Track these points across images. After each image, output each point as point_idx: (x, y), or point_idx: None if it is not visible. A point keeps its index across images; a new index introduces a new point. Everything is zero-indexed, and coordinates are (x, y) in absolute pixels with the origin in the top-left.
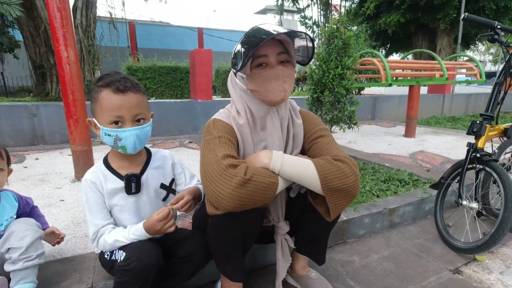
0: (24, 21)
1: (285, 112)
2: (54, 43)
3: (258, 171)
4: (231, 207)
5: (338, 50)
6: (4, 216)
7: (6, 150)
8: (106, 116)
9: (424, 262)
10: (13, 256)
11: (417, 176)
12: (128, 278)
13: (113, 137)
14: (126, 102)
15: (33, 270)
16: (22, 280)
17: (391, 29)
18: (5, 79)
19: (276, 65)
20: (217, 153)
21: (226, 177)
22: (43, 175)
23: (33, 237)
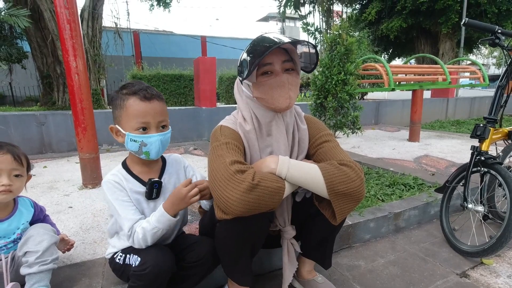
0: (32, 33)
1: (290, 118)
2: (64, 53)
3: (265, 176)
4: (239, 211)
5: (341, 56)
6: (21, 221)
7: (26, 157)
8: (133, 123)
9: (431, 266)
10: (30, 260)
11: (422, 180)
12: (143, 283)
13: (138, 143)
14: (152, 110)
15: (47, 274)
16: (36, 283)
17: (393, 34)
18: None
19: (281, 73)
20: (225, 159)
21: (235, 182)
22: (51, 183)
23: (50, 242)
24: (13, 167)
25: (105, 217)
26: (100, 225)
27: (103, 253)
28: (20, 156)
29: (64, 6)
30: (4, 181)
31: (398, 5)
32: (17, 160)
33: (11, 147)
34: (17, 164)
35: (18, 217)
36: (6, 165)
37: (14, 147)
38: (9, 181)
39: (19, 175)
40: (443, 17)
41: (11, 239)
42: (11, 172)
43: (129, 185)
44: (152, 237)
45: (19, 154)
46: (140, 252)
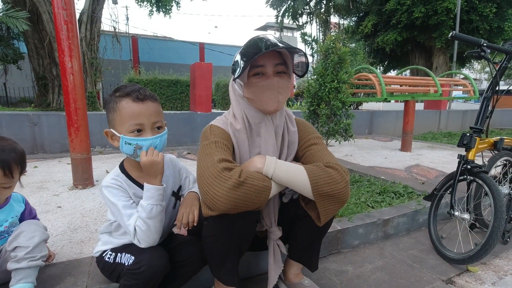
0: (29, 34)
1: (279, 120)
2: (60, 53)
3: (252, 175)
4: (225, 208)
5: (334, 65)
6: (11, 214)
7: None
8: (126, 125)
9: (417, 272)
10: (19, 255)
11: (412, 189)
12: (137, 281)
13: (133, 146)
14: (146, 110)
15: (35, 271)
16: (23, 279)
17: (389, 47)
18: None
19: (272, 76)
20: (213, 157)
21: (221, 179)
22: (41, 183)
23: (41, 238)
24: (1, 182)
25: (94, 217)
26: (88, 225)
27: (89, 252)
28: (12, 168)
29: (62, 7)
30: None
31: (393, 19)
32: (7, 176)
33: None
34: (7, 179)
35: (8, 210)
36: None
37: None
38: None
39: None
40: (436, 32)
41: (1, 227)
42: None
43: (131, 190)
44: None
45: (10, 167)
46: (134, 251)
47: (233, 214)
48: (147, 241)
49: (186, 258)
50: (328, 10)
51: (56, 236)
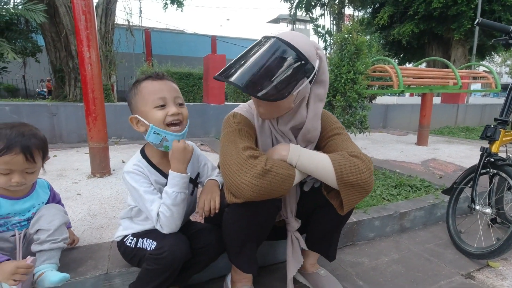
0: (47, 27)
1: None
2: (78, 43)
3: (277, 163)
4: (251, 195)
5: (351, 56)
6: (37, 201)
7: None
8: (150, 102)
9: (435, 266)
10: (41, 237)
11: (429, 183)
12: (160, 266)
13: (161, 137)
14: (165, 86)
15: (57, 252)
16: (47, 260)
17: (405, 39)
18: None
19: None
20: (238, 145)
21: (247, 167)
22: (61, 171)
23: (61, 221)
24: (24, 167)
25: (112, 204)
26: (107, 212)
27: (109, 238)
28: (34, 153)
29: None
30: (16, 178)
31: (410, 10)
32: (29, 161)
33: (25, 143)
34: (29, 164)
35: (35, 197)
36: (18, 166)
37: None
38: (21, 178)
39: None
40: (456, 23)
41: (25, 217)
42: (24, 170)
43: (152, 176)
44: (175, 207)
45: (32, 150)
46: (156, 237)
47: (255, 202)
48: (170, 227)
49: (205, 245)
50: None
51: (77, 221)
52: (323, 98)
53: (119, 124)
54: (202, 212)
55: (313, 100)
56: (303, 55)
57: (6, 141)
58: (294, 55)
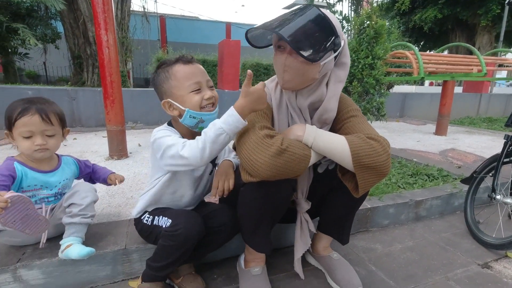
0: (65, 13)
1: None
2: (96, 27)
3: (293, 143)
4: (266, 174)
5: (369, 40)
6: (62, 177)
7: (58, 113)
8: (185, 86)
9: (451, 255)
10: (74, 211)
11: (447, 172)
12: (175, 243)
13: (197, 119)
14: (197, 69)
15: (84, 227)
16: (75, 233)
17: (427, 25)
18: (47, 69)
19: (285, 53)
20: (254, 124)
21: (264, 146)
22: (81, 153)
23: (92, 198)
24: (43, 128)
25: (129, 185)
26: (124, 192)
27: (126, 216)
28: (49, 114)
29: None
30: (38, 141)
31: None
32: (45, 121)
33: (40, 106)
34: (46, 124)
35: (60, 173)
36: (36, 126)
37: (43, 105)
38: (43, 141)
39: (51, 134)
40: (483, 8)
41: (52, 192)
42: (43, 133)
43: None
44: (213, 144)
45: (47, 112)
46: (171, 215)
47: (270, 182)
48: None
49: (220, 225)
50: None
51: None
52: (343, 80)
53: (136, 109)
54: (215, 192)
55: (333, 81)
56: (335, 29)
57: (22, 106)
58: (328, 27)
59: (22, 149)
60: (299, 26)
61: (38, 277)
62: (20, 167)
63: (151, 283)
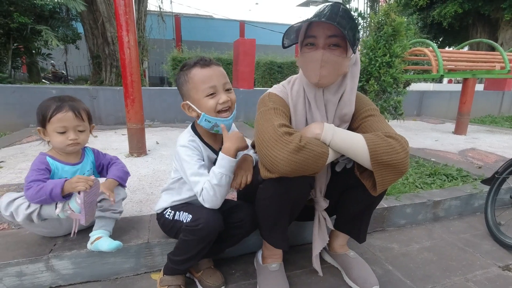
0: (85, 15)
1: (333, 96)
2: (118, 29)
3: (311, 141)
4: (285, 170)
5: (387, 38)
6: (86, 167)
7: (87, 110)
8: (201, 90)
9: (470, 256)
10: (105, 205)
11: (467, 172)
12: (196, 237)
13: (212, 123)
14: (214, 73)
15: (113, 222)
16: (104, 226)
17: (447, 21)
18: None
19: (320, 48)
20: (273, 122)
21: (282, 143)
22: (102, 150)
23: (122, 196)
24: (76, 123)
25: (149, 182)
26: (144, 188)
27: (147, 211)
28: (81, 111)
29: None
30: (71, 136)
31: None
32: (78, 117)
33: (72, 104)
34: (79, 120)
35: (85, 163)
36: (70, 122)
37: (74, 103)
38: (75, 136)
39: (82, 130)
40: (507, 1)
41: None
42: (76, 128)
43: (206, 152)
44: (219, 188)
45: (79, 110)
46: (192, 210)
47: (289, 178)
48: (211, 203)
49: (239, 221)
50: None
51: None
52: (357, 75)
53: (152, 108)
54: (234, 184)
55: (350, 76)
56: (357, 26)
57: (56, 104)
58: (355, 22)
59: (56, 143)
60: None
61: (68, 267)
62: (52, 161)
63: (172, 276)
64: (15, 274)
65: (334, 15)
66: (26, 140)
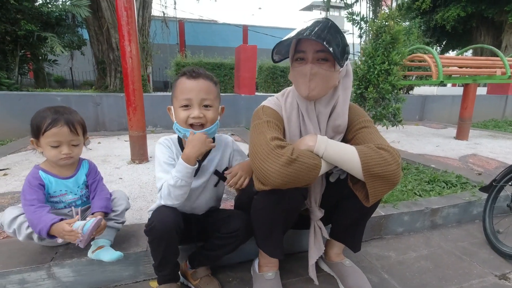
0: (90, 21)
1: (324, 108)
2: (120, 38)
3: (303, 153)
4: (277, 183)
5: (386, 45)
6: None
7: (82, 123)
8: (178, 100)
9: (467, 264)
10: (110, 215)
11: (466, 179)
12: (153, 237)
13: (182, 134)
14: (196, 87)
15: (115, 232)
16: (106, 236)
17: (450, 24)
18: (73, 73)
19: (309, 62)
20: (266, 135)
21: (274, 156)
22: (104, 157)
23: (126, 207)
24: (70, 138)
25: (149, 189)
26: (145, 195)
27: (147, 219)
28: (75, 126)
29: None
30: (64, 150)
31: None
32: (73, 132)
33: (67, 117)
34: (73, 135)
35: (79, 177)
36: (64, 137)
37: (70, 116)
38: (69, 150)
39: (76, 144)
40: (511, 4)
41: (77, 195)
42: (70, 143)
43: (179, 153)
44: (174, 189)
45: (74, 124)
46: (153, 212)
47: (282, 190)
48: (166, 202)
49: (234, 230)
50: None
51: None
52: (350, 86)
53: (155, 114)
54: (229, 180)
55: (342, 88)
56: (345, 39)
57: (52, 117)
58: (343, 36)
59: (49, 157)
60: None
61: (68, 275)
62: (44, 175)
63: (165, 284)
64: (18, 281)
65: (321, 31)
66: (31, 147)
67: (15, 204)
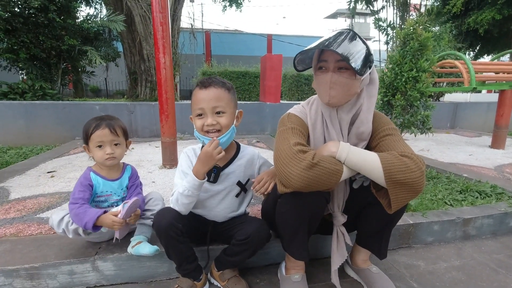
0: (124, 35)
1: (346, 115)
2: (156, 51)
3: (325, 158)
4: (298, 185)
5: (414, 52)
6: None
7: (123, 127)
8: (194, 110)
9: (503, 277)
10: (147, 214)
11: (502, 189)
12: (156, 232)
13: (201, 141)
14: (207, 96)
15: (151, 230)
16: (144, 232)
17: (483, 28)
18: (107, 84)
19: (330, 71)
20: (289, 141)
21: (296, 160)
22: (138, 162)
23: (161, 206)
24: (111, 138)
25: None
26: None
27: None
28: (116, 128)
29: (159, 11)
30: (108, 150)
31: None
32: (113, 133)
33: (109, 122)
34: (114, 136)
35: (124, 179)
36: (106, 137)
37: (111, 121)
38: (112, 150)
39: (117, 143)
40: None
41: (119, 197)
42: (112, 142)
43: None
44: (182, 197)
45: (114, 127)
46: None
47: (305, 193)
48: (174, 206)
49: (246, 237)
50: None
51: None
52: (375, 94)
53: (183, 121)
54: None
55: (367, 96)
56: (369, 48)
57: (96, 123)
58: (366, 46)
59: (96, 158)
60: (345, 45)
61: (110, 268)
62: (94, 176)
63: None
64: (67, 272)
65: (342, 42)
66: (73, 152)
67: (62, 203)
